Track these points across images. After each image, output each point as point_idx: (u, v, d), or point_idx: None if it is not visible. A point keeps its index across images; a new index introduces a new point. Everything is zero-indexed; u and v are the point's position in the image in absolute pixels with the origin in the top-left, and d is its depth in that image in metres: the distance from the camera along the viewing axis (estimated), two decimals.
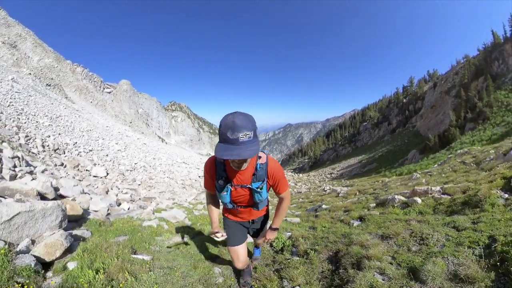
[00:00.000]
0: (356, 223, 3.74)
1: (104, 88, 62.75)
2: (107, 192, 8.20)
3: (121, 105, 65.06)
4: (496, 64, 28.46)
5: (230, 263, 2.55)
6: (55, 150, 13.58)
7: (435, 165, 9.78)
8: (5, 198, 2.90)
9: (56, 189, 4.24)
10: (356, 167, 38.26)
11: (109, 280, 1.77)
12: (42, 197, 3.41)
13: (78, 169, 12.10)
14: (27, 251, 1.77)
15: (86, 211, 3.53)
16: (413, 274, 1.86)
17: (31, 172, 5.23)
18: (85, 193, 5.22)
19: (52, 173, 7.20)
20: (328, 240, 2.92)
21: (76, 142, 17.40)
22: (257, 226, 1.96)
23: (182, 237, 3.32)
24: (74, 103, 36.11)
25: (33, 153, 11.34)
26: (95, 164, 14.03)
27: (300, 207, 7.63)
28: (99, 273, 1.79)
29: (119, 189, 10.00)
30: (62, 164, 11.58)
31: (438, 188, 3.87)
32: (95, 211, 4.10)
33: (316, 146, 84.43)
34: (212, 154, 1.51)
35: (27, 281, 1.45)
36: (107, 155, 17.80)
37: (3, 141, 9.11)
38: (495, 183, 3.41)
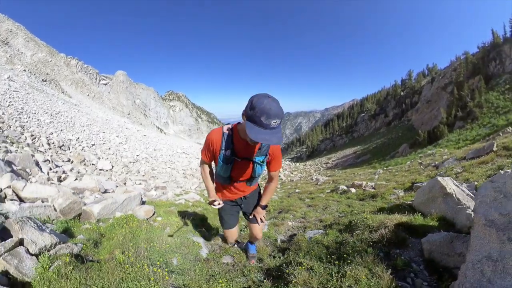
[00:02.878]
0: (307, 200, 6.14)
1: (100, 80, 61.81)
2: (124, 184, 9.02)
3: (118, 96, 64.52)
4: (493, 64, 28.33)
5: None
6: (60, 147, 14.06)
7: (408, 162, 10.78)
8: (79, 194, 4.36)
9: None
10: (351, 158, 39.27)
11: (183, 220, 3.44)
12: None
13: (85, 164, 12.63)
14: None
15: None
16: (304, 217, 4.27)
17: (64, 172, 6.09)
18: (117, 186, 6.16)
19: (78, 171, 7.97)
20: (282, 205, 5.48)
21: (78, 137, 17.83)
22: (249, 201, 2.06)
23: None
24: (71, 97, 36.02)
25: (40, 151, 11.79)
26: (99, 158, 14.55)
27: (285, 192, 9.83)
28: (177, 218, 3.51)
29: (131, 180, 10.83)
30: (69, 160, 12.06)
31: (372, 183, 5.36)
32: None
33: (314, 135, 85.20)
34: None
35: (145, 224, 2.95)
36: (109, 148, 18.29)
37: (20, 144, 9.69)
38: (405, 185, 4.84)
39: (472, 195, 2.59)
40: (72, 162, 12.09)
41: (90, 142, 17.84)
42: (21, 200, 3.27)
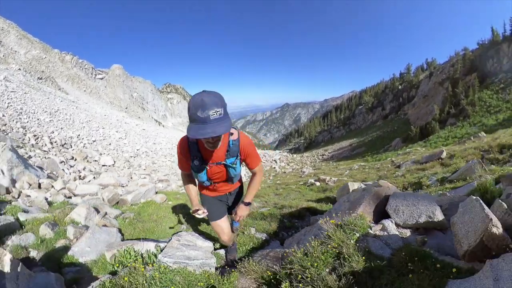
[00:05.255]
0: (280, 190, 7.44)
1: (96, 75, 61.00)
2: (131, 178, 9.66)
3: (115, 90, 63.88)
4: (491, 62, 28.25)
5: None
6: (62, 145, 14.33)
7: (388, 158, 11.56)
8: (105, 187, 5.70)
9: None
10: (346, 150, 39.95)
11: (187, 202, 4.78)
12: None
13: (88, 161, 12.96)
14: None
15: None
16: (266, 201, 5.81)
17: (79, 171, 6.98)
18: (128, 181, 7.00)
19: (90, 170, 8.63)
20: (259, 194, 6.55)
21: (79, 135, 18.06)
22: (234, 197, 2.03)
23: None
24: (68, 94, 35.91)
25: (44, 151, 12.10)
26: (101, 154, 14.76)
27: (273, 182, 11.07)
28: (183, 202, 4.84)
29: (136, 175, 11.42)
30: (72, 158, 12.35)
31: (335, 179, 6.52)
32: None
33: (312, 127, 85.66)
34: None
35: (162, 204, 4.74)
36: (110, 144, 18.56)
37: (26, 147, 10.07)
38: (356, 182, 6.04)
39: None
40: (75, 159, 12.49)
41: (91, 138, 18.11)
42: (74, 195, 5.14)
